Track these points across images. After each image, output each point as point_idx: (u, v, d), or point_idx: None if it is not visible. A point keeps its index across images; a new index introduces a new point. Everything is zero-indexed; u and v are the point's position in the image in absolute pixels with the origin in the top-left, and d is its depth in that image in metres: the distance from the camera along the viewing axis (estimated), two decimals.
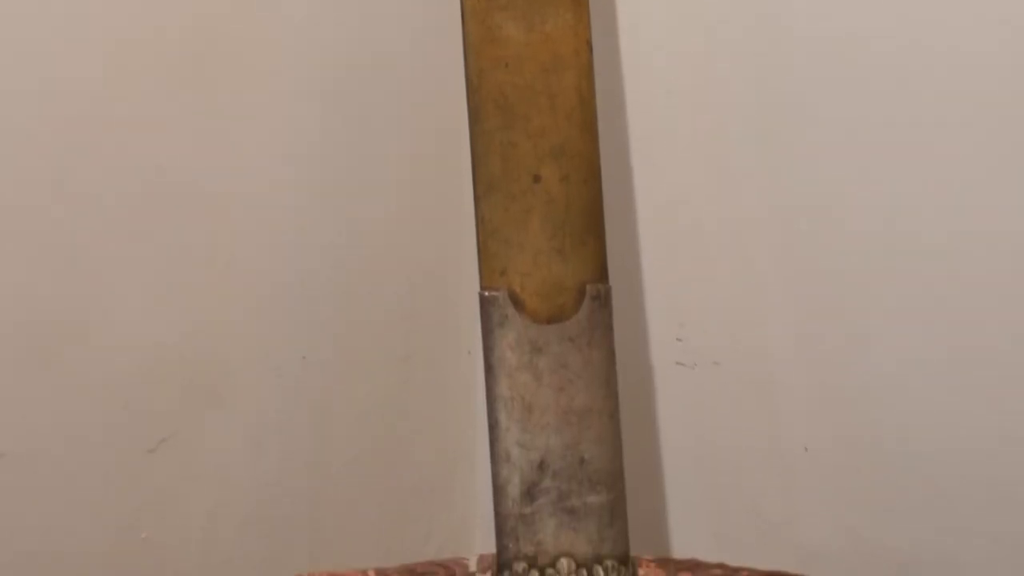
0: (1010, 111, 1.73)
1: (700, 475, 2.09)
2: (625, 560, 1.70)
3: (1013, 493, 1.81)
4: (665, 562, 1.85)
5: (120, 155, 1.76)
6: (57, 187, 1.71)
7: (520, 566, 1.68)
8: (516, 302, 1.71)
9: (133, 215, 1.79)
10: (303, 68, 1.94)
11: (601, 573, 1.68)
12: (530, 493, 1.69)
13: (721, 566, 1.83)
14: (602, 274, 1.75)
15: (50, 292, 1.72)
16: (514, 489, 1.69)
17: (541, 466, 1.70)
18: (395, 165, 2.07)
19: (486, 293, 1.72)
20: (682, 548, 2.12)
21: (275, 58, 1.90)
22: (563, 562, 1.68)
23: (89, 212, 1.74)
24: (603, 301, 1.74)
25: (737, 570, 1.81)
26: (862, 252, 1.87)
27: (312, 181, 1.97)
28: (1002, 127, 1.74)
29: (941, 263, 1.81)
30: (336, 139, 1.99)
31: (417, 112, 2.09)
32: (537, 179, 1.73)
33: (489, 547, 1.82)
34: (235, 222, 1.89)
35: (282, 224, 1.95)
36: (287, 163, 1.94)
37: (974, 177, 1.77)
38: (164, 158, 1.80)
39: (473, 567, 1.82)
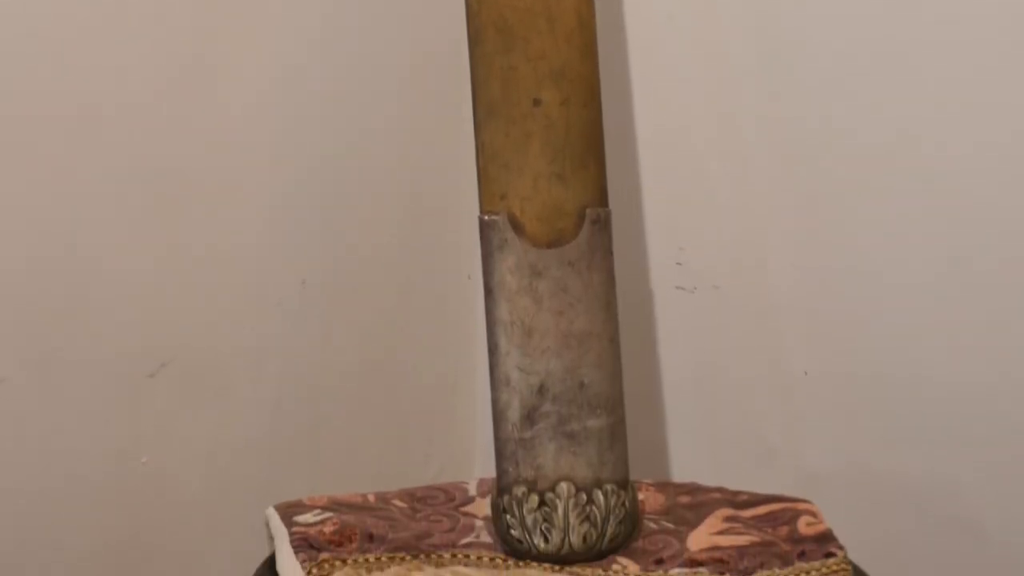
0: (1012, 34, 1.73)
1: (700, 399, 2.09)
2: (625, 484, 1.71)
3: (1012, 416, 1.81)
4: (664, 486, 1.86)
5: (120, 99, 1.76)
6: (68, 114, 1.71)
7: (520, 490, 1.68)
8: (516, 226, 1.71)
9: (132, 151, 1.78)
10: None
11: (601, 497, 1.69)
12: (530, 417, 1.69)
13: (720, 490, 1.83)
14: (602, 198, 1.75)
15: (47, 218, 1.72)
16: (514, 413, 1.69)
17: (541, 390, 1.70)
18: (394, 89, 2.07)
19: (486, 217, 1.71)
20: (682, 472, 2.12)
21: None
22: (563, 486, 1.69)
23: (91, 153, 1.74)
24: (603, 225, 1.73)
25: (736, 493, 1.82)
26: (863, 176, 1.87)
27: (312, 105, 1.96)
28: (1004, 50, 1.73)
29: (942, 188, 1.81)
30: (336, 66, 1.98)
31: (416, 37, 2.08)
32: (537, 103, 1.73)
33: (489, 471, 1.83)
34: (234, 151, 1.89)
35: (282, 150, 1.94)
36: (286, 90, 1.93)
37: (974, 100, 1.76)
38: (162, 92, 1.80)
39: (473, 491, 1.83)
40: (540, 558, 1.66)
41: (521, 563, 1.66)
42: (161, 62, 1.78)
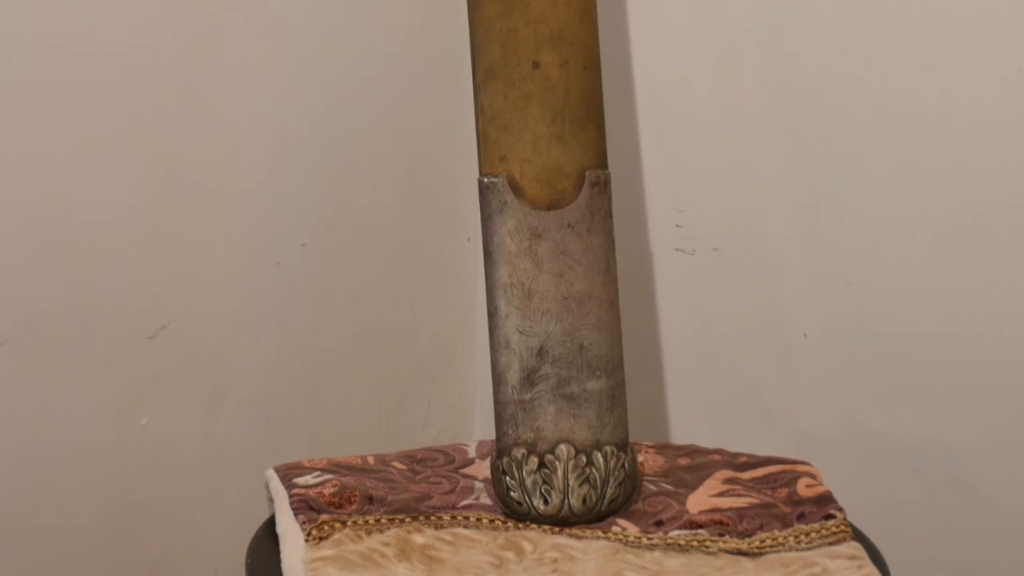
0: None
1: (699, 361, 2.10)
2: (624, 446, 1.71)
3: (1011, 378, 1.82)
4: (664, 448, 1.86)
5: (117, 62, 1.76)
6: (64, 77, 1.71)
7: (519, 452, 1.68)
8: (515, 188, 1.71)
9: (132, 115, 1.78)
10: None
11: (600, 459, 1.69)
12: (529, 379, 1.69)
13: (720, 452, 1.84)
14: (602, 160, 1.74)
15: (47, 181, 1.72)
16: (513, 375, 1.69)
17: (540, 352, 1.70)
18: (394, 53, 2.06)
19: (485, 179, 1.71)
20: (681, 434, 2.13)
21: None
22: (562, 448, 1.69)
23: (91, 116, 1.74)
24: (603, 187, 1.73)
25: (736, 455, 1.82)
26: (861, 138, 1.87)
27: (311, 70, 1.96)
28: (1006, 7, 1.73)
29: (941, 148, 1.80)
30: (335, 31, 1.98)
31: (416, 1, 2.07)
32: (536, 65, 1.72)
33: (488, 434, 1.83)
34: (234, 116, 1.88)
35: (282, 114, 1.94)
36: (286, 56, 1.92)
37: (974, 59, 1.76)
38: (160, 56, 1.79)
39: (472, 453, 1.83)
40: (540, 520, 1.66)
41: (521, 525, 1.66)
42: (160, 24, 1.78)
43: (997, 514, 1.86)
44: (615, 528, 1.66)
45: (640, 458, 1.79)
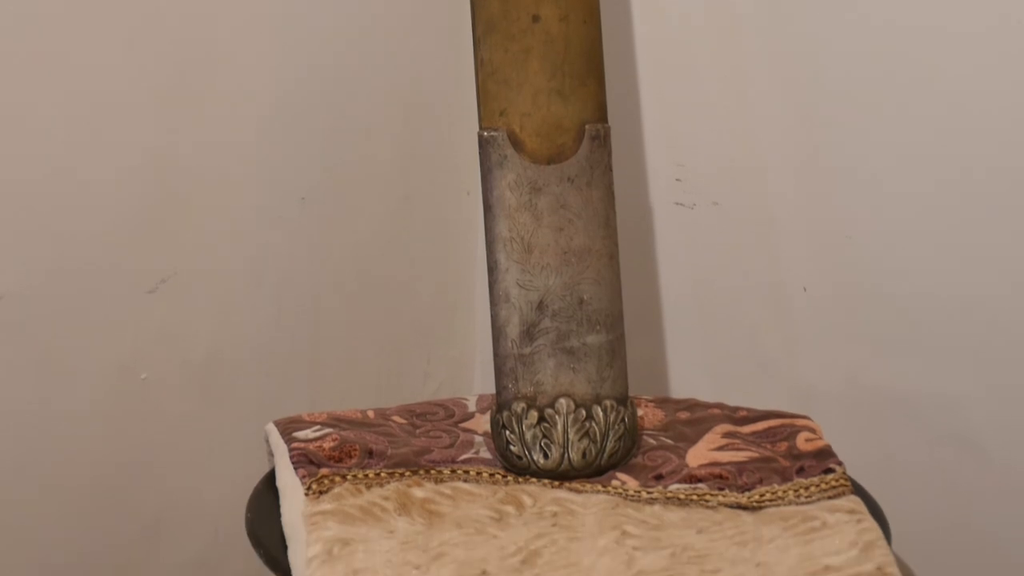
0: None
1: (699, 316, 2.09)
2: (624, 400, 1.71)
3: (1013, 331, 1.81)
4: (664, 402, 1.87)
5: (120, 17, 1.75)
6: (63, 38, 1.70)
7: (519, 406, 1.68)
8: (515, 142, 1.70)
9: (133, 69, 1.77)
10: None
11: (600, 413, 1.69)
12: (529, 333, 1.69)
13: (719, 406, 1.84)
14: (602, 114, 1.74)
15: (47, 136, 1.71)
16: (513, 330, 1.69)
17: (540, 306, 1.70)
18: (394, 6, 2.05)
19: (485, 133, 1.71)
20: (680, 388, 2.13)
21: None
22: (562, 402, 1.69)
23: (91, 72, 1.73)
24: (602, 141, 1.73)
25: (735, 409, 1.82)
26: (861, 91, 1.86)
27: (311, 23, 1.95)
28: None
29: (943, 98, 1.80)
30: None
31: None
32: (536, 19, 1.72)
33: (488, 388, 1.83)
34: (234, 69, 1.87)
35: (281, 67, 1.93)
36: (286, 7, 1.92)
37: (977, 9, 1.75)
38: (162, 7, 1.79)
39: (472, 407, 1.83)
40: (539, 474, 1.67)
41: (520, 479, 1.66)
42: None
43: (997, 469, 1.86)
44: (615, 482, 1.66)
45: (640, 412, 1.79)
